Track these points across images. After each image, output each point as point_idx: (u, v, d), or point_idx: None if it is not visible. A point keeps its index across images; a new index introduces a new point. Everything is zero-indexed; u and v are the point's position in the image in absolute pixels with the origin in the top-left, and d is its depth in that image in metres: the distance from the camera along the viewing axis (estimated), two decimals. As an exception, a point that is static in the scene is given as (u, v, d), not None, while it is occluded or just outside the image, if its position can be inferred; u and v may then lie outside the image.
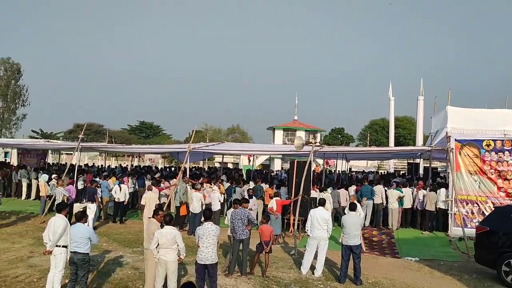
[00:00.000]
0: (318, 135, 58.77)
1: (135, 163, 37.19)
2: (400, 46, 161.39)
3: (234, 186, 16.91)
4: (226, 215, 12.69)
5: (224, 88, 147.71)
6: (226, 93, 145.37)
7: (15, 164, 26.87)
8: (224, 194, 16.19)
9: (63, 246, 7.45)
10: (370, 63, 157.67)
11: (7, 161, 29.40)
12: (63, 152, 34.62)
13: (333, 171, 30.50)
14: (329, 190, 16.27)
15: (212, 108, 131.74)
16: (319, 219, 9.57)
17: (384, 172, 39.34)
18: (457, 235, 13.52)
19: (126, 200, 15.76)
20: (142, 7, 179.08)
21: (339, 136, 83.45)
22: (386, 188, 16.26)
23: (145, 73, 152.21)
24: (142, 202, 13.34)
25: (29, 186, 20.81)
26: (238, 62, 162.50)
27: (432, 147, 16.88)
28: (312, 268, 9.77)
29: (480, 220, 12.43)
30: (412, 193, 16.06)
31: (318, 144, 15.63)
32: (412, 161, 28.34)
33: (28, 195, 20.76)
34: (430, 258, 11.71)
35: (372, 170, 41.78)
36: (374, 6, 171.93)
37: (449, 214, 14.03)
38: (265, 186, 16.88)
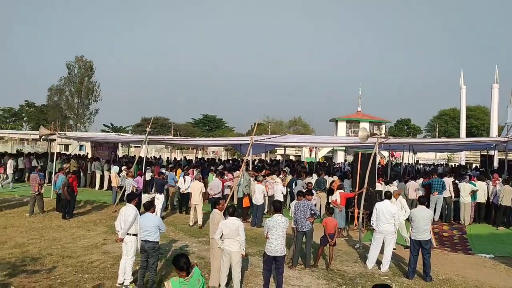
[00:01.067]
0: (383, 126, 57.20)
1: (199, 156, 38.22)
2: (472, 31, 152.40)
3: (295, 178, 16.84)
4: (289, 207, 12.67)
5: (286, 81, 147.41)
6: (288, 85, 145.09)
7: (89, 156, 28.50)
8: (286, 186, 16.17)
9: (133, 234, 7.80)
10: (439, 50, 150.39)
11: (82, 154, 31.30)
12: (131, 145, 36.23)
13: (399, 164, 29.55)
14: (395, 183, 15.76)
15: (274, 101, 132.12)
16: (386, 213, 9.28)
17: (455, 164, 37.46)
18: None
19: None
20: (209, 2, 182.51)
21: (405, 127, 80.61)
22: (457, 182, 15.47)
23: (208, 68, 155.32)
24: (189, 190, 14.68)
25: (102, 177, 21.99)
26: (300, 54, 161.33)
27: (508, 138, 15.79)
28: (378, 262, 9.52)
29: None
30: (488, 187, 15.14)
31: (383, 135, 15.15)
32: (485, 153, 26.75)
33: (101, 186, 21.94)
34: (506, 255, 10.99)
35: (442, 163, 39.97)
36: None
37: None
38: (329, 179, 16.64)
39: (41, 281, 7.84)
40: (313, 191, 13.70)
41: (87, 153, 31.90)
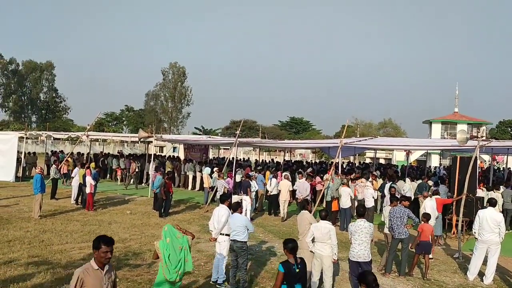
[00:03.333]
0: (483, 128, 53.07)
1: (287, 158, 38.44)
2: None
3: (387, 182, 16.21)
4: (380, 212, 12.27)
5: (375, 81, 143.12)
6: (377, 85, 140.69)
7: (182, 158, 29.92)
8: (376, 190, 15.66)
9: (226, 235, 8.03)
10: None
11: (176, 155, 32.97)
12: (221, 147, 37.43)
13: (502, 168, 27.26)
14: (501, 188, 14.58)
15: (363, 102, 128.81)
16: (490, 221, 8.60)
17: None
18: None
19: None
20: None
21: (509, 129, 74.14)
22: None
23: (295, 69, 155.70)
24: (279, 188, 15.73)
25: (194, 178, 22.95)
26: (390, 50, 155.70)
27: None
28: (481, 274, 8.85)
29: None
30: None
31: (484, 138, 14.07)
32: None
33: (193, 186, 22.91)
34: None
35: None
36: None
37: None
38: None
39: (142, 275, 8.36)
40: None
41: (177, 155, 33.53)
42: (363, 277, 4.58)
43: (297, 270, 5.39)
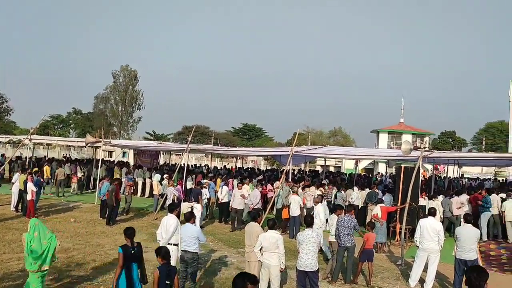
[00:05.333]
0: (426, 138, 55.44)
1: (239, 164, 38.46)
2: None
3: (333, 190, 16.59)
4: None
5: (326, 90, 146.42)
6: (328, 94, 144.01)
7: (132, 163, 29.25)
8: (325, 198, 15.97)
9: (174, 244, 7.93)
10: (486, 59, 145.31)
11: (125, 161, 32.17)
12: (173, 152, 36.89)
13: (443, 177, 28.61)
14: (440, 197, 15.27)
15: (314, 110, 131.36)
16: (430, 230, 8.99)
17: (503, 179, 35.88)
18: None
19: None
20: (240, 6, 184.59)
21: (450, 139, 78.10)
22: (504, 198, 14.83)
23: (249, 76, 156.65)
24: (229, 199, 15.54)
25: (144, 184, 22.47)
26: (341, 62, 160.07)
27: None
28: (421, 281, 9.22)
29: None
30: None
31: (427, 149, 14.74)
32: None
33: (143, 193, 22.41)
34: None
35: (488, 177, 38.39)
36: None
37: None
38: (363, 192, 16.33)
39: (85, 287, 8.07)
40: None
41: (126, 161, 32.74)
42: None
43: (133, 252, 6.44)
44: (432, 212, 9.73)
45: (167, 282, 5.88)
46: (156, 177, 18.49)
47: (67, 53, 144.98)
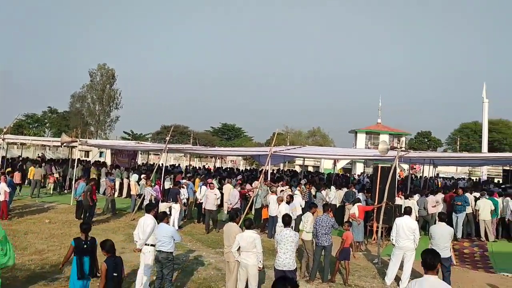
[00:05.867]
0: (403, 138, 56.55)
1: (218, 164, 38.33)
2: (496, 45, 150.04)
3: (311, 190, 16.64)
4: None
5: (306, 90, 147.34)
6: (308, 95, 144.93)
7: (109, 163, 28.84)
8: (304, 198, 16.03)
9: (151, 245, 7.85)
10: (461, 62, 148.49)
11: (102, 161, 31.71)
12: (151, 152, 36.55)
13: (419, 177, 29.10)
14: (416, 197, 15.52)
15: (293, 110, 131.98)
16: (406, 229, 9.13)
17: (476, 178, 36.73)
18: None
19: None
20: (221, 8, 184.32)
21: (426, 140, 79.50)
22: (478, 197, 15.18)
23: (226, 75, 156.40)
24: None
25: (121, 184, 22.19)
26: (321, 63, 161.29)
27: (532, 153, 15.44)
28: (397, 279, 9.35)
29: None
30: (503, 203, 14.86)
31: (403, 149, 14.97)
32: (508, 168, 26.16)
33: (120, 193, 22.12)
34: (530, 274, 10.68)
35: (463, 177, 39.24)
36: (464, 2, 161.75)
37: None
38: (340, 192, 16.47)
39: (59, 288, 7.93)
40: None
41: (103, 161, 32.27)
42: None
43: (85, 246, 6.73)
44: (408, 211, 9.91)
45: (115, 274, 6.14)
46: (134, 177, 18.30)
47: (42, 51, 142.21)
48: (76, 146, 21.43)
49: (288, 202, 12.76)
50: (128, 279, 8.73)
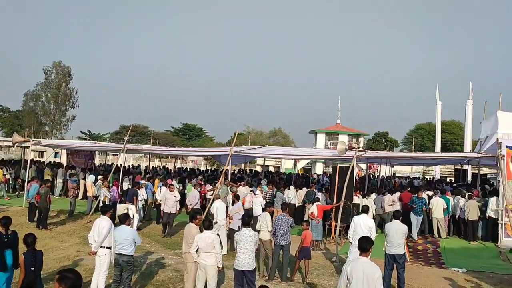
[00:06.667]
0: (361, 139, 57.81)
1: (178, 165, 37.93)
2: (448, 48, 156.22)
3: (273, 190, 16.75)
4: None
5: (267, 90, 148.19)
6: (269, 95, 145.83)
7: (64, 164, 27.94)
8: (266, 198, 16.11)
9: (107, 247, 7.67)
10: (416, 65, 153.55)
11: (57, 161, 30.68)
12: (109, 153, 35.68)
13: (376, 176, 29.88)
14: (373, 195, 15.91)
15: (255, 111, 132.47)
16: (363, 227, 9.36)
17: (432, 178, 38.11)
18: (507, 246, 12.91)
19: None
20: (182, 7, 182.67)
21: (383, 140, 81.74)
22: (431, 196, 15.74)
23: (188, 75, 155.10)
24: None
25: (77, 186, 21.51)
26: (282, 64, 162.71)
27: (481, 153, 16.18)
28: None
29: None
30: (454, 202, 15.51)
31: (361, 149, 15.33)
32: (459, 167, 27.30)
33: (76, 195, 21.43)
34: (478, 269, 11.17)
35: (417, 176, 40.58)
36: (419, 5, 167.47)
37: (499, 224, 13.39)
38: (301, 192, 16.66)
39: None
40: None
41: (58, 162, 31.23)
42: None
43: (6, 240, 6.93)
44: (365, 209, 10.16)
45: (32, 268, 6.34)
46: (90, 178, 17.86)
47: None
48: (29, 146, 20.68)
49: (233, 202, 12.76)
50: (84, 282, 8.49)
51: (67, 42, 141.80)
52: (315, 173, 39.96)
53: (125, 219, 7.94)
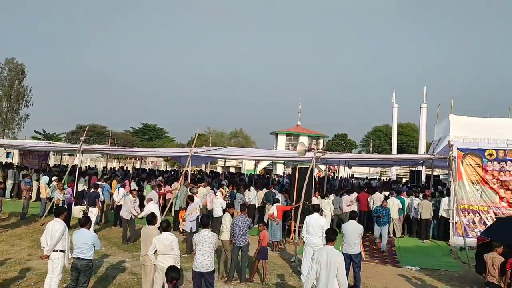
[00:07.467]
0: (321, 140, 58.75)
1: (137, 166, 37.26)
2: (404, 52, 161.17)
3: (234, 191, 16.76)
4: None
5: (228, 92, 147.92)
6: (230, 96, 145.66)
7: (17, 165, 26.87)
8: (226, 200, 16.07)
9: (60, 251, 7.41)
10: (374, 69, 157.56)
11: (8, 162, 29.41)
12: (65, 153, 34.62)
13: (335, 177, 30.43)
14: (331, 196, 16.18)
15: (216, 111, 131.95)
16: (315, 225, 9.51)
17: (387, 178, 39.20)
18: (458, 244, 13.41)
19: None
20: (144, 8, 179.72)
21: (342, 142, 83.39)
22: (387, 196, 16.17)
23: (149, 75, 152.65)
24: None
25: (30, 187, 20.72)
26: (243, 65, 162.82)
27: (434, 155, 16.78)
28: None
29: (482, 230, 12.36)
30: (409, 202, 16.04)
31: (320, 150, 15.56)
32: (414, 169, 28.25)
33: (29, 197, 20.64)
34: (430, 267, 11.59)
35: (375, 177, 41.65)
36: (377, 12, 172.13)
37: (451, 223, 13.94)
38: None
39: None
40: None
41: (10, 162, 29.97)
42: None
43: None
44: (316, 209, 10.38)
45: None
46: (44, 179, 17.24)
47: None
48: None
49: (187, 204, 12.67)
50: (36, 287, 8.22)
51: (21, 38, 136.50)
52: (276, 174, 40.26)
53: (86, 222, 7.69)
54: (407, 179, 31.78)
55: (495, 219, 11.63)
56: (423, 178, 26.03)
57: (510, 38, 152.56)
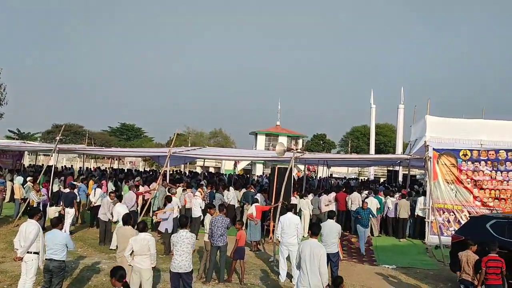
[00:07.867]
0: (300, 141, 59.02)
1: (115, 166, 36.80)
2: (382, 54, 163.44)
3: (213, 191, 16.68)
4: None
5: (207, 91, 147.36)
6: (209, 96, 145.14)
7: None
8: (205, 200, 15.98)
9: (34, 253, 7.26)
10: (353, 69, 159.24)
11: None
12: (40, 153, 33.94)
13: (314, 177, 30.63)
14: (310, 196, 16.27)
15: (195, 111, 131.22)
16: (290, 225, 9.58)
17: (367, 178, 39.64)
18: (433, 243, 13.65)
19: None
20: (124, 5, 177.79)
21: (321, 142, 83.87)
22: (366, 195, 16.36)
23: (127, 74, 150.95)
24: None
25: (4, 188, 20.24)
26: (222, 65, 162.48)
27: (411, 155, 17.05)
28: (290, 275, 9.72)
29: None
30: (385, 202, 16.25)
31: (299, 150, 15.62)
32: (391, 169, 28.67)
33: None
34: (406, 265, 11.77)
35: (353, 177, 42.08)
36: (354, 13, 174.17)
37: (426, 222, 14.19)
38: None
39: None
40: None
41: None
42: None
43: None
44: (290, 208, 10.45)
45: None
46: (18, 179, 16.90)
47: None
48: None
49: (164, 204, 12.65)
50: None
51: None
52: (255, 174, 40.29)
53: (58, 223, 7.55)
54: (385, 179, 32.23)
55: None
56: (400, 178, 26.43)
57: (486, 40, 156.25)
